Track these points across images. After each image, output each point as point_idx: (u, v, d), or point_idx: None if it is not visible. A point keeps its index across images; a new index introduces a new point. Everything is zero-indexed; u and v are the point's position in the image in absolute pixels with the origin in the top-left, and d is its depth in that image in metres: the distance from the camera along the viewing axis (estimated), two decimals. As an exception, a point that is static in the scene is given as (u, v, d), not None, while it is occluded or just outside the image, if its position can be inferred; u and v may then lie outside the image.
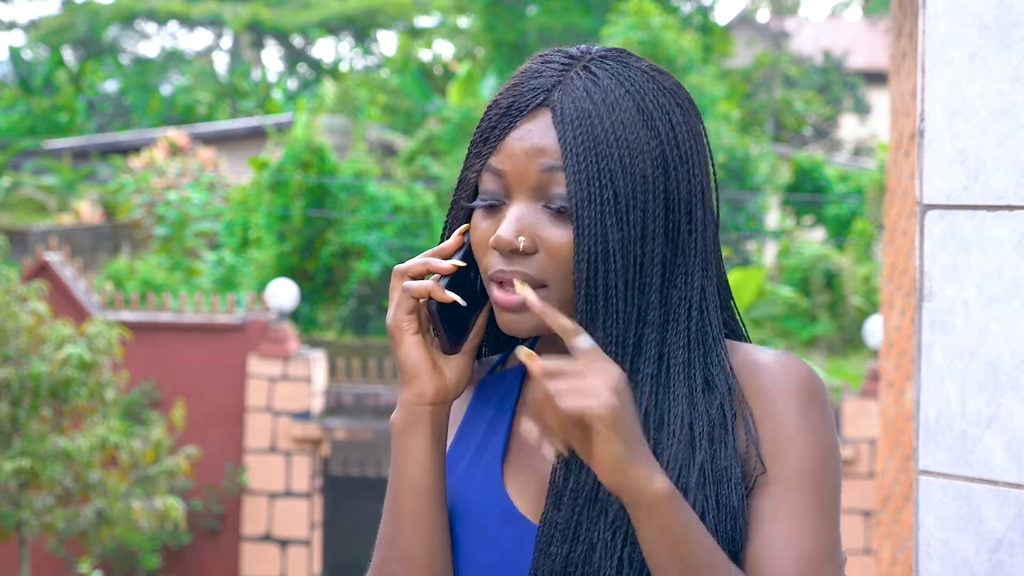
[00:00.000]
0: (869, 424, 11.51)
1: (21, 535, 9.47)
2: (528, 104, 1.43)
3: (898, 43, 7.03)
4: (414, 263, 1.46)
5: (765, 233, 20.33)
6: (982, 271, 1.49)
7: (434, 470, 1.45)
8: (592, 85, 1.42)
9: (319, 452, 12.64)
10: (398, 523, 1.45)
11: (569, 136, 1.40)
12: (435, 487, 1.45)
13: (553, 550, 1.39)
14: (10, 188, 21.86)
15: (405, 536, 1.44)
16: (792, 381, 1.42)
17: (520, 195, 1.42)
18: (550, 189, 1.41)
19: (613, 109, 1.41)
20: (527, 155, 1.42)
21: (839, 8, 37.80)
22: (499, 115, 1.45)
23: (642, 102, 1.42)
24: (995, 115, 1.49)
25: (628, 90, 1.42)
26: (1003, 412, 1.48)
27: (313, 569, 12.60)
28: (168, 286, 16.03)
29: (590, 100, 1.41)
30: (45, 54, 30.90)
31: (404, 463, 1.45)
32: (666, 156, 1.42)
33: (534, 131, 1.42)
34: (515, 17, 23.51)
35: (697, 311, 1.43)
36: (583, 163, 1.39)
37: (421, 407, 1.45)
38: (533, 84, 1.44)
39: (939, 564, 1.53)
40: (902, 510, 7.06)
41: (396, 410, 1.47)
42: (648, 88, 1.43)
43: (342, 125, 20.11)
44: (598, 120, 1.40)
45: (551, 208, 1.41)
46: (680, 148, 1.43)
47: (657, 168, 1.41)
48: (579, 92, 1.42)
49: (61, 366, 9.03)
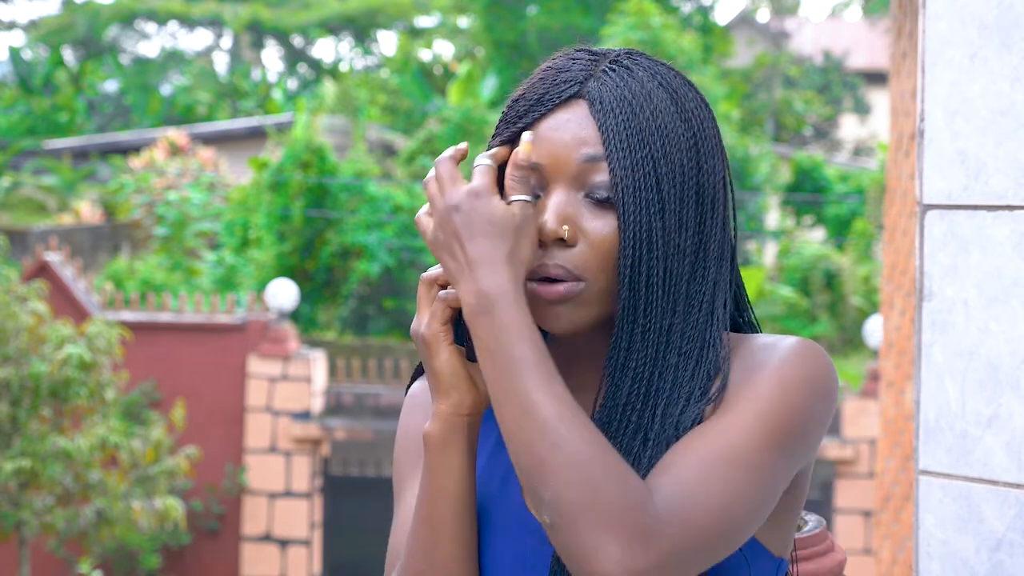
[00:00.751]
0: (869, 424, 11.50)
1: (21, 535, 9.47)
2: (562, 94, 1.41)
3: (898, 43, 7.03)
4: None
5: (765, 233, 20.33)
6: (982, 271, 1.49)
7: (469, 482, 1.43)
8: (627, 76, 1.41)
9: (319, 452, 12.64)
10: (434, 535, 1.42)
11: (611, 124, 1.38)
12: (470, 498, 1.43)
13: None
14: (10, 188, 21.86)
15: (442, 549, 1.42)
16: (788, 354, 1.38)
17: (558, 184, 1.40)
18: (591, 179, 1.39)
19: (651, 99, 1.40)
20: (567, 145, 1.40)
21: (839, 8, 37.80)
22: (529, 105, 1.43)
23: (675, 94, 1.42)
24: (995, 115, 1.49)
25: (661, 82, 1.42)
26: (1003, 412, 1.48)
27: (313, 569, 12.60)
28: (168, 286, 16.03)
29: (628, 90, 1.40)
30: (45, 54, 30.91)
31: (441, 475, 1.42)
32: (698, 147, 1.41)
33: (572, 120, 1.40)
34: (515, 17, 23.50)
35: (708, 304, 1.42)
36: (627, 151, 1.38)
37: (459, 418, 1.42)
38: (564, 77, 1.42)
39: (939, 564, 1.53)
40: (902, 510, 7.05)
41: (431, 422, 1.43)
42: (678, 82, 1.43)
43: (342, 125, 20.11)
44: (638, 108, 1.39)
45: (593, 198, 1.39)
46: (709, 140, 1.42)
47: (691, 159, 1.40)
48: (616, 82, 1.41)
49: (61, 366, 9.02)
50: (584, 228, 1.39)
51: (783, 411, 1.35)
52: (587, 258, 1.38)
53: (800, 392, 1.37)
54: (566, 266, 1.38)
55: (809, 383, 1.38)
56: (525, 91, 1.44)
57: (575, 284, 1.38)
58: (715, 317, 1.43)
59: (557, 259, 1.38)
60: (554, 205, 1.39)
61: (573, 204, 1.39)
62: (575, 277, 1.38)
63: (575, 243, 1.39)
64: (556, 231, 1.37)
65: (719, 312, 1.43)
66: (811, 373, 1.38)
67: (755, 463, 1.32)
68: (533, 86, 1.44)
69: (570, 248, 1.39)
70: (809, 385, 1.37)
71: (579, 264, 1.38)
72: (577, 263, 1.38)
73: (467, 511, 1.43)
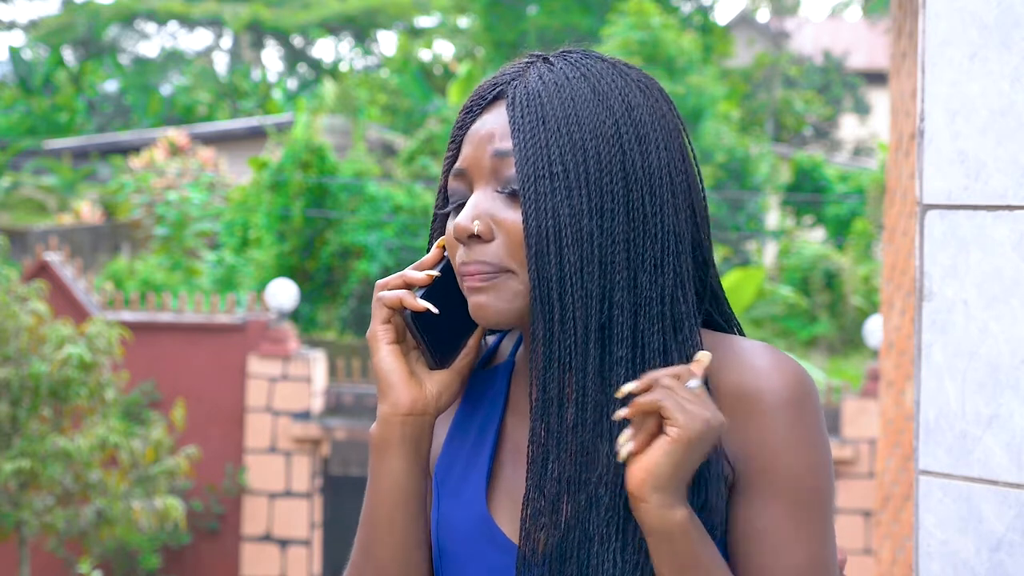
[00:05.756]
0: (869, 424, 11.50)
1: (21, 535, 9.47)
2: (486, 98, 1.44)
3: (898, 43, 7.03)
4: (392, 277, 1.46)
5: (765, 233, 20.33)
6: (982, 271, 1.49)
7: (409, 482, 1.44)
8: (547, 71, 1.42)
9: (319, 452, 12.64)
10: (372, 533, 1.45)
11: (517, 116, 1.39)
12: (410, 499, 1.44)
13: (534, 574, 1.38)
14: (10, 188, 21.87)
15: (379, 547, 1.45)
16: (784, 386, 1.38)
17: (478, 184, 1.42)
18: (503, 173, 1.40)
19: (563, 88, 1.40)
20: (480, 143, 1.41)
21: (839, 8, 37.78)
22: (463, 116, 1.46)
23: (597, 83, 1.41)
24: (995, 115, 1.49)
25: (583, 73, 1.41)
26: (1003, 412, 1.48)
27: (313, 569, 12.60)
28: (168, 286, 16.03)
29: (542, 83, 1.40)
30: (45, 54, 30.91)
31: (379, 475, 1.44)
32: (621, 134, 1.39)
33: (489, 120, 1.42)
34: (515, 17, 23.50)
35: (670, 298, 1.39)
36: (529, 140, 1.38)
37: (396, 417, 1.43)
38: (494, 80, 1.45)
39: (939, 564, 1.53)
40: (902, 510, 7.05)
41: (375, 423, 1.45)
42: (605, 72, 1.42)
43: (342, 125, 20.11)
44: (547, 99, 1.39)
45: (504, 192, 1.40)
46: (639, 128, 1.40)
47: (613, 146, 1.38)
48: (533, 78, 1.41)
49: (61, 366, 9.03)
50: (499, 220, 1.39)
51: (822, 482, 1.39)
52: (509, 250, 1.39)
53: (821, 439, 1.40)
54: (485, 259, 1.39)
55: (820, 425, 1.41)
56: (466, 102, 1.47)
57: (499, 275, 1.39)
58: (683, 312, 1.40)
59: (476, 255, 1.39)
60: (470, 203, 1.40)
61: (489, 200, 1.40)
62: (496, 269, 1.39)
63: (492, 238, 1.39)
64: (467, 227, 1.39)
65: (689, 306, 1.40)
66: (819, 415, 1.41)
67: (826, 534, 1.39)
68: (471, 95, 1.46)
69: (488, 243, 1.39)
70: (821, 428, 1.41)
71: (500, 256, 1.39)
72: (498, 255, 1.39)
73: (404, 511, 1.44)
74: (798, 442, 1.38)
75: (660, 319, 1.39)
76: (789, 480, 1.37)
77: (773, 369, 1.39)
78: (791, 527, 1.37)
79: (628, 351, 1.37)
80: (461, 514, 1.46)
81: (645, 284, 1.39)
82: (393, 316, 1.45)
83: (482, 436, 1.49)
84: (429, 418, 1.45)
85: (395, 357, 1.44)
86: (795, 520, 1.37)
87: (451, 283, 1.45)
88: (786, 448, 1.37)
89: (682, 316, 1.40)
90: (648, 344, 1.38)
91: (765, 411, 1.38)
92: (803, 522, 1.37)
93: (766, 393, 1.38)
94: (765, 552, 1.37)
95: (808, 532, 1.37)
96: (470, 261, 1.40)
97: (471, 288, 1.40)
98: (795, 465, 1.37)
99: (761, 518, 1.37)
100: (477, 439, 1.49)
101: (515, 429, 1.48)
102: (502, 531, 1.43)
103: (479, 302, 1.40)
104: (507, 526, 1.43)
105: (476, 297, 1.40)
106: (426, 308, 1.43)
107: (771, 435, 1.38)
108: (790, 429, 1.37)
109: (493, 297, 1.39)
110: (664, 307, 1.39)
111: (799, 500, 1.37)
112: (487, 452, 1.47)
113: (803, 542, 1.37)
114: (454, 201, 1.44)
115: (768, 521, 1.37)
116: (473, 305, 1.40)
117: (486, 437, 1.48)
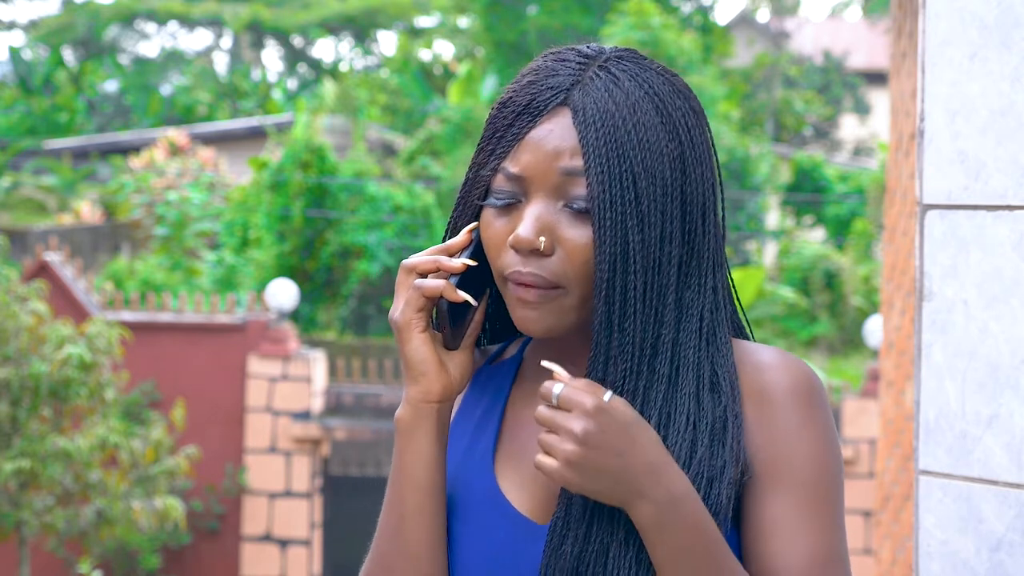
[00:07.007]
0: (869, 424, 11.50)
1: (21, 535, 9.47)
2: (548, 103, 1.42)
3: (898, 43, 7.03)
4: (423, 259, 1.45)
5: (765, 233, 20.33)
6: (982, 271, 1.49)
7: (437, 467, 1.45)
8: (613, 86, 1.41)
9: (319, 452, 12.64)
10: (400, 518, 1.45)
11: (592, 137, 1.39)
12: (438, 484, 1.45)
13: (565, 549, 1.39)
14: (10, 188, 21.87)
15: (407, 531, 1.44)
16: (792, 382, 1.42)
17: (539, 195, 1.41)
18: (570, 190, 1.40)
19: (635, 111, 1.40)
20: (548, 156, 1.40)
21: (839, 8, 37.78)
22: (516, 113, 1.43)
23: (661, 104, 1.42)
24: (995, 115, 1.49)
25: (647, 92, 1.42)
26: (1003, 412, 1.48)
27: (313, 569, 12.60)
28: (168, 286, 16.03)
29: (612, 101, 1.40)
30: (45, 54, 30.90)
31: (409, 460, 1.45)
32: (684, 159, 1.42)
33: (555, 131, 1.41)
34: (515, 17, 23.50)
35: (709, 312, 1.44)
36: (605, 165, 1.38)
37: (428, 405, 1.44)
38: (551, 83, 1.42)
39: (939, 564, 1.53)
40: (902, 510, 7.05)
41: (401, 407, 1.46)
42: (665, 91, 1.43)
43: (342, 125, 20.11)
44: (620, 122, 1.39)
45: (571, 208, 1.40)
46: (696, 151, 1.43)
47: (676, 171, 1.41)
48: (600, 93, 1.40)
49: (61, 366, 9.03)
50: (561, 237, 1.40)
51: (832, 476, 1.44)
52: (565, 267, 1.40)
53: (831, 435, 1.44)
54: (542, 274, 1.39)
55: (830, 422, 1.45)
56: (512, 95, 1.44)
57: (551, 290, 1.40)
58: (719, 322, 1.45)
59: (532, 267, 1.39)
60: (531, 214, 1.40)
61: (552, 213, 1.40)
62: (552, 284, 1.40)
63: (551, 252, 1.40)
64: (532, 242, 1.38)
65: (723, 316, 1.46)
66: (828, 412, 1.45)
67: (836, 524, 1.44)
68: (520, 91, 1.44)
69: (547, 257, 1.40)
70: (830, 424, 1.45)
71: (556, 272, 1.40)
72: (555, 271, 1.40)
73: (433, 496, 1.45)
74: (807, 434, 1.42)
75: (697, 334, 1.43)
76: (799, 471, 1.41)
77: (781, 366, 1.44)
78: (802, 517, 1.40)
79: (669, 367, 1.42)
80: (465, 486, 1.48)
81: (687, 300, 1.43)
82: (429, 304, 1.44)
83: (486, 421, 1.51)
84: (452, 403, 1.47)
85: (428, 345, 1.44)
86: (805, 510, 1.40)
87: (471, 267, 1.45)
88: (797, 442, 1.41)
89: (717, 328, 1.45)
90: (684, 358, 1.42)
91: (774, 405, 1.42)
92: (814, 513, 1.40)
93: (775, 388, 1.43)
94: (777, 541, 1.39)
95: (820, 523, 1.40)
96: (527, 272, 1.40)
97: (521, 300, 1.41)
98: (804, 456, 1.41)
99: (772, 508, 1.40)
100: (480, 422, 1.52)
101: (515, 422, 1.50)
102: (506, 498, 1.45)
103: (528, 316, 1.41)
104: (508, 494, 1.46)
105: (525, 311, 1.41)
106: (466, 299, 1.43)
107: (780, 427, 1.42)
108: (799, 422, 1.42)
109: (545, 313, 1.41)
110: (703, 323, 1.44)
111: (808, 491, 1.40)
112: (491, 435, 1.50)
113: (815, 532, 1.40)
114: (501, 200, 1.42)
115: (778, 511, 1.40)
116: (521, 318, 1.41)
117: (490, 421, 1.51)
